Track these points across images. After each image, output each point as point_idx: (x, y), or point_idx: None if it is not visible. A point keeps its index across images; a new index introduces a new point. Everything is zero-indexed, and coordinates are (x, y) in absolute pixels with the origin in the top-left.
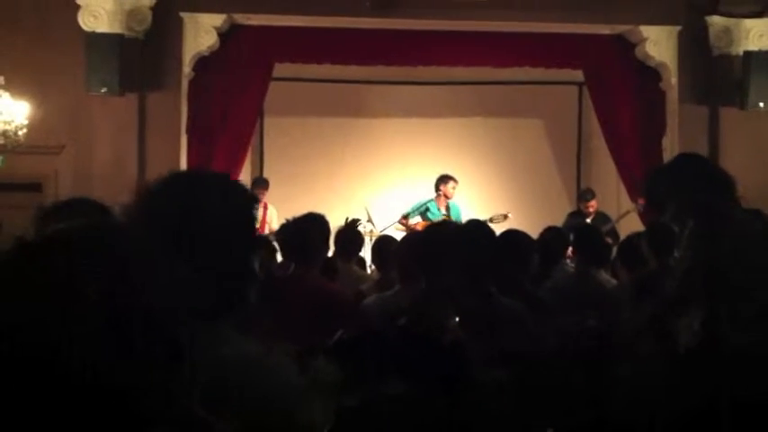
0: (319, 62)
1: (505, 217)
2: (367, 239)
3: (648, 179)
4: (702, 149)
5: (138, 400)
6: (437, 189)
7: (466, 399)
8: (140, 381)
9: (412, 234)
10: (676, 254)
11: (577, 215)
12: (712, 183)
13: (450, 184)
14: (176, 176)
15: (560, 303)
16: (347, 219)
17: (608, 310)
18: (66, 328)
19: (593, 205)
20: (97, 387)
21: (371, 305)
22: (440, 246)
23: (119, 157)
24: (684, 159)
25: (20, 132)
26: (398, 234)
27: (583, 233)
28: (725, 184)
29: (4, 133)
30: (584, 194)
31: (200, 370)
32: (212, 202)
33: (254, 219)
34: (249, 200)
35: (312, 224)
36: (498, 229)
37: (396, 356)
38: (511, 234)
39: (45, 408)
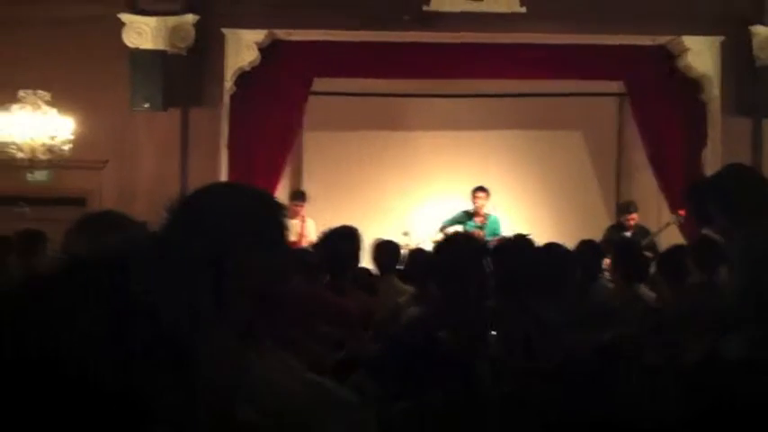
0: (358, 76)
1: None
2: (405, 253)
3: (695, 190)
4: (745, 162)
5: (140, 402)
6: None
7: (501, 413)
8: (142, 383)
9: (442, 243)
10: (722, 271)
11: (618, 228)
12: (761, 196)
13: (477, 194)
14: (212, 187)
15: (600, 318)
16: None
17: (649, 324)
18: (71, 334)
19: (633, 218)
20: (100, 389)
21: (410, 318)
22: (471, 256)
23: (161, 171)
24: (733, 171)
25: (65, 147)
26: None
27: (622, 247)
28: None
29: (50, 148)
30: (625, 207)
31: (208, 373)
32: (245, 208)
33: (285, 228)
34: (280, 208)
35: (341, 236)
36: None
37: (434, 370)
38: (551, 248)
39: (50, 409)
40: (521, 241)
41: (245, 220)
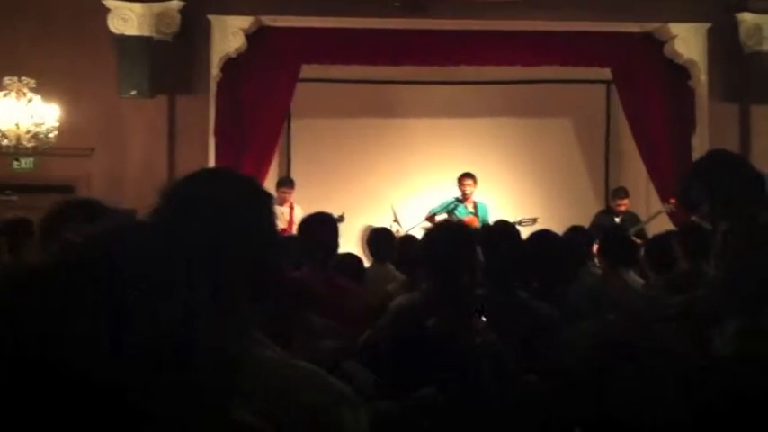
0: (347, 63)
1: (534, 221)
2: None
3: (681, 179)
4: (733, 148)
5: (136, 402)
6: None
7: (500, 412)
8: (140, 383)
9: (434, 231)
10: (709, 258)
11: (607, 213)
12: (744, 181)
13: (465, 181)
14: (200, 174)
15: (588, 305)
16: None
17: (636, 311)
18: (68, 333)
19: (624, 204)
20: (97, 389)
21: (399, 306)
22: (463, 245)
23: (149, 158)
24: (717, 157)
25: (50, 135)
26: None
27: (610, 234)
28: (756, 182)
29: (36, 135)
30: (617, 192)
31: (206, 372)
32: (236, 198)
33: (274, 216)
34: (268, 197)
35: (318, 223)
36: (526, 232)
37: (425, 360)
38: (541, 235)
39: (46, 409)
40: (507, 228)
41: (239, 213)
